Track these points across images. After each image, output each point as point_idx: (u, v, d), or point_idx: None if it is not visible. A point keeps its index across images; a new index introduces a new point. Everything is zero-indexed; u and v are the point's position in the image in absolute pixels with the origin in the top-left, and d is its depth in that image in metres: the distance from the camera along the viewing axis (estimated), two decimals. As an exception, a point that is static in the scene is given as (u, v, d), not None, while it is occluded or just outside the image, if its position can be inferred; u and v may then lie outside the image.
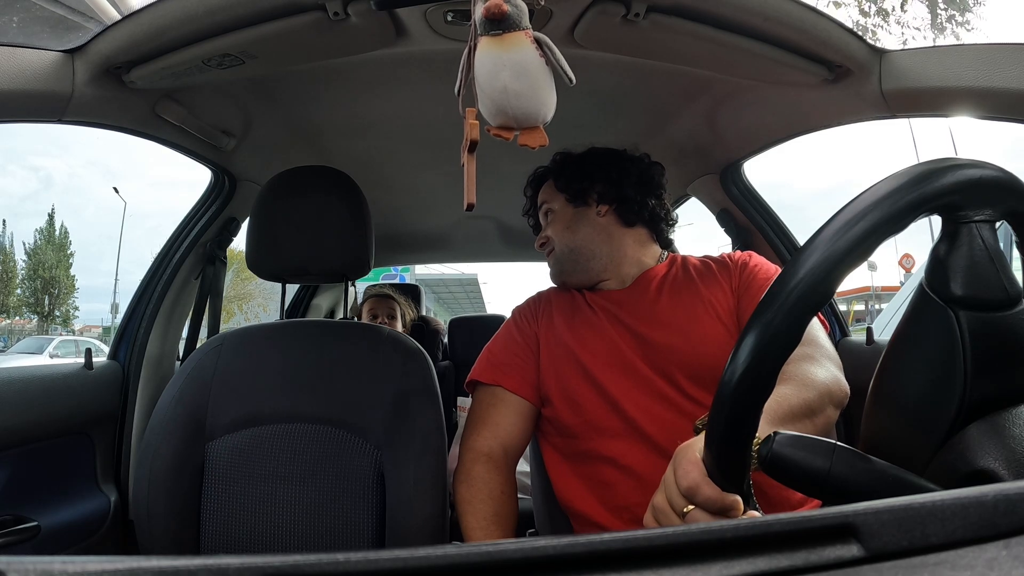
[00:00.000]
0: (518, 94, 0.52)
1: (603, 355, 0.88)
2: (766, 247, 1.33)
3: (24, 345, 14.84)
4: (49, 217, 26.72)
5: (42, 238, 26.47)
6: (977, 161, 0.37)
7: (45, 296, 25.86)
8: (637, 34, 0.78)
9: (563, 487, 0.89)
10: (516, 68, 0.51)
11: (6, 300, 25.73)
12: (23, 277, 26.10)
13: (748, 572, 0.22)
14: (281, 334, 0.96)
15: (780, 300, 0.36)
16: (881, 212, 0.35)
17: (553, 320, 0.96)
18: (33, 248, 26.30)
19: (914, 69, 0.79)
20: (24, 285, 26.15)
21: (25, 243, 27.24)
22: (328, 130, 1.28)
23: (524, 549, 0.22)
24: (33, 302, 25.96)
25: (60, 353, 13.29)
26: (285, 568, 0.20)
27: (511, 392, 0.91)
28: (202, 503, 0.85)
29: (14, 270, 25.97)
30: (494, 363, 0.94)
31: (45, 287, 25.79)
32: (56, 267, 26.05)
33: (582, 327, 0.92)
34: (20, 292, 26.08)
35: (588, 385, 0.87)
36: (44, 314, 25.77)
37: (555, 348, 0.92)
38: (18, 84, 0.70)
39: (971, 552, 0.23)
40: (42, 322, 25.70)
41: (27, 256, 26.17)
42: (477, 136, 0.52)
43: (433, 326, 2.48)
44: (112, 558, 0.19)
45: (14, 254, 26.30)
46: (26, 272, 26.09)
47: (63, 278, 26.20)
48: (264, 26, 0.74)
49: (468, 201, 0.53)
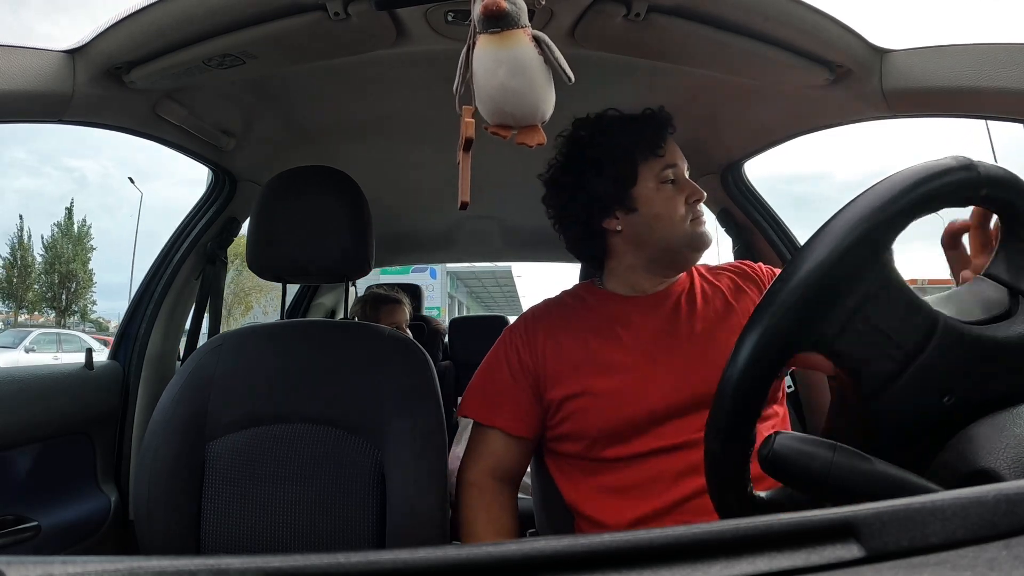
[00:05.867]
0: (516, 92, 0.52)
1: (636, 353, 0.83)
2: (766, 247, 1.33)
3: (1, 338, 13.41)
4: (67, 210, 26.24)
5: (59, 231, 25.96)
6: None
7: (63, 291, 25.33)
8: (637, 34, 0.78)
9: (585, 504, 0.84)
10: (514, 66, 0.51)
11: (24, 295, 25.27)
12: (40, 271, 25.60)
13: (748, 572, 0.22)
14: (281, 334, 0.96)
15: (781, 300, 0.36)
16: (886, 209, 0.35)
17: (559, 335, 0.88)
18: (50, 241, 25.76)
19: (915, 69, 0.79)
20: (41, 279, 25.63)
21: (42, 236, 26.54)
22: (329, 130, 1.28)
23: (524, 549, 0.22)
24: (51, 297, 25.48)
25: (36, 348, 12.18)
26: (285, 568, 0.20)
27: (504, 432, 0.87)
28: (202, 503, 0.85)
29: (32, 265, 25.48)
30: (486, 399, 0.89)
31: (62, 281, 25.24)
32: (73, 260, 25.48)
33: (602, 331, 0.86)
34: (37, 287, 25.60)
35: (616, 384, 0.82)
36: (62, 309, 25.30)
37: (568, 360, 0.85)
38: (18, 84, 0.70)
39: (971, 552, 0.23)
40: (59, 317, 25.23)
41: (44, 249, 25.67)
42: (472, 134, 0.52)
43: (434, 326, 2.49)
44: (112, 558, 0.19)
45: (32, 249, 25.78)
46: (43, 266, 25.58)
47: (81, 272, 25.59)
48: (264, 26, 0.74)
49: (462, 199, 0.53)
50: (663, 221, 0.85)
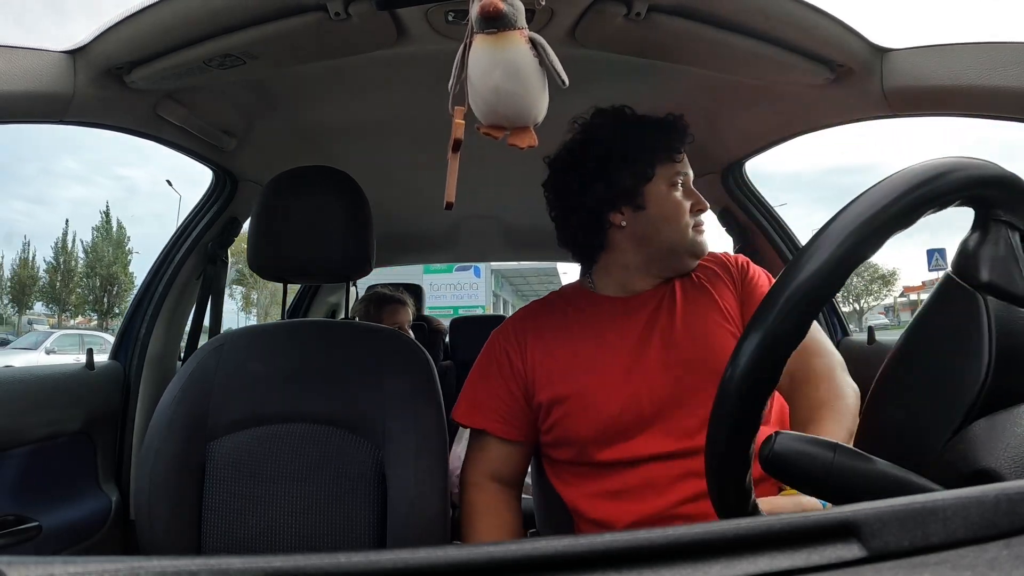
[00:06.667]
0: (510, 94, 0.52)
1: (624, 354, 0.83)
2: (767, 247, 1.33)
3: (25, 341, 13.72)
4: (104, 214, 26.72)
5: (100, 235, 26.43)
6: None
7: (104, 294, 25.69)
8: (638, 34, 0.78)
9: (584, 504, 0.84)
10: (509, 68, 0.51)
11: (68, 298, 25.71)
12: (82, 275, 26.05)
13: (748, 572, 0.22)
14: (282, 334, 0.96)
15: (783, 300, 0.36)
16: (893, 206, 0.35)
17: (547, 338, 0.87)
18: (92, 245, 26.22)
19: (916, 68, 0.79)
20: (83, 283, 26.10)
21: (83, 241, 27.11)
22: (329, 130, 1.28)
23: (524, 549, 0.22)
24: (92, 300, 25.86)
25: (58, 349, 12.20)
26: (286, 568, 0.20)
27: (497, 436, 0.87)
28: (203, 503, 0.85)
29: (75, 269, 25.94)
30: (477, 404, 0.89)
31: (104, 284, 25.65)
32: (114, 263, 25.85)
33: (589, 332, 0.86)
34: (80, 291, 26.05)
35: (604, 384, 0.82)
36: (104, 311, 25.62)
37: (556, 362, 0.85)
38: (19, 85, 0.70)
39: (972, 552, 0.23)
40: (102, 319, 25.55)
41: (85, 253, 26.16)
42: (461, 136, 0.52)
43: (435, 325, 2.49)
44: (113, 558, 0.19)
45: (76, 253, 26.31)
46: (84, 269, 26.03)
47: (122, 275, 25.93)
48: (265, 26, 0.74)
49: (447, 200, 0.53)
50: (669, 223, 0.86)
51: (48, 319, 25.97)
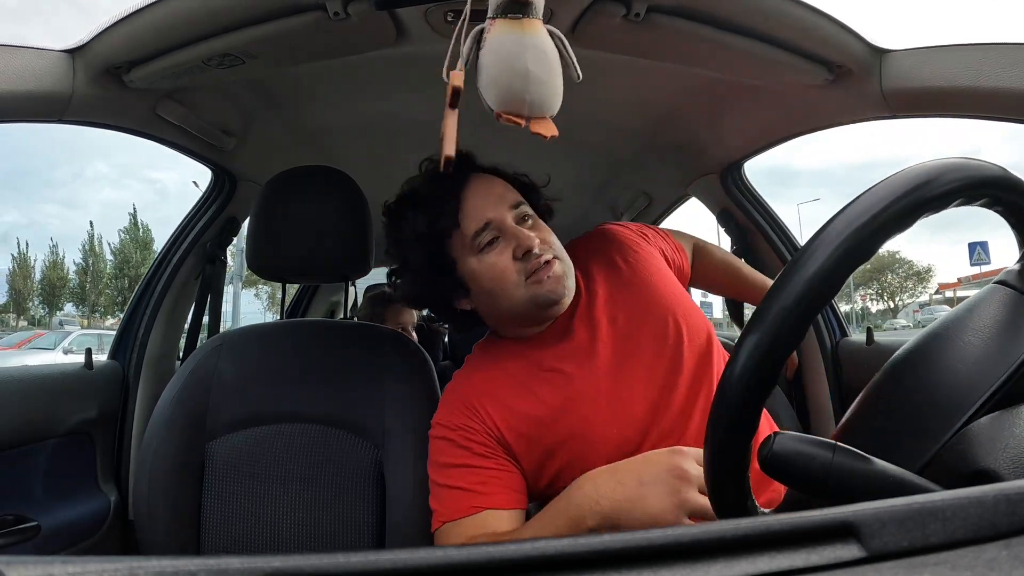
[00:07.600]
0: (540, 80, 0.50)
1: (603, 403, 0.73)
2: (766, 248, 1.33)
3: (41, 341, 13.54)
4: (131, 216, 27.23)
5: (127, 236, 26.72)
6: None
7: (131, 294, 25.89)
8: (637, 34, 0.78)
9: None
10: (538, 53, 0.50)
11: (97, 300, 26.01)
12: (110, 276, 26.40)
13: (748, 572, 0.22)
14: (281, 334, 0.96)
15: (782, 300, 0.36)
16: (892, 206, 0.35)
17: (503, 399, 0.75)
18: (119, 247, 26.55)
19: (915, 69, 0.79)
20: (112, 284, 26.40)
21: (110, 243, 27.63)
22: (329, 130, 1.28)
23: (524, 549, 0.22)
24: (121, 301, 26.13)
25: (75, 349, 11.92)
26: (286, 568, 0.20)
27: (500, 509, 0.70)
28: (202, 503, 0.85)
29: (103, 271, 26.30)
30: (466, 493, 0.71)
31: (132, 285, 25.73)
32: (141, 265, 26.00)
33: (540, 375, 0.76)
34: (109, 292, 26.37)
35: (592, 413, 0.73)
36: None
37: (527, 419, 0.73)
38: (18, 84, 0.70)
39: (971, 552, 0.23)
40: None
41: (112, 255, 26.57)
42: (460, 84, 0.49)
43: (434, 326, 2.48)
44: (112, 558, 0.19)
45: (104, 255, 26.67)
46: (113, 271, 26.39)
47: None
48: (264, 26, 0.74)
49: (446, 154, 0.50)
50: (497, 295, 0.74)
51: (80, 320, 26.20)
